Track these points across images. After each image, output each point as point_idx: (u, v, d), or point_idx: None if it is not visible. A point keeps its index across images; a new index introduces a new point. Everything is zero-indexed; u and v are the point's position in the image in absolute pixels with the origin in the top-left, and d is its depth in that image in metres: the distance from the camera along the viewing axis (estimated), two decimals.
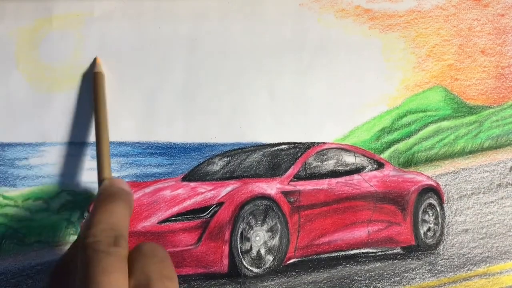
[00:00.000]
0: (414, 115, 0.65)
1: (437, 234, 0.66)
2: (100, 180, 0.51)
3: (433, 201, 0.67)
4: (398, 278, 0.63)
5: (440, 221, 0.66)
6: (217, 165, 0.61)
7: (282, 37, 0.61)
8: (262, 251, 0.61)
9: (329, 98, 0.62)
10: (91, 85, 0.57)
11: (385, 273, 0.63)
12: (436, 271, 0.64)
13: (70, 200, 0.57)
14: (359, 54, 0.63)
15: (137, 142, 0.59)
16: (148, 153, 0.59)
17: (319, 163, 0.63)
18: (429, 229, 0.66)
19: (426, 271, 0.64)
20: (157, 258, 0.40)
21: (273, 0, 0.61)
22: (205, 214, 0.59)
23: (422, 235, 0.66)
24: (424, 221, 0.67)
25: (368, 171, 0.65)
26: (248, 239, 0.60)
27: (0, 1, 0.56)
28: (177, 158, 0.60)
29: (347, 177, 0.64)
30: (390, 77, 0.64)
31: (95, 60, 0.57)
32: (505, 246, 0.65)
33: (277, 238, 0.61)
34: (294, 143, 0.62)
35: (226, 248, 0.59)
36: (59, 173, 0.57)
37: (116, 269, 0.36)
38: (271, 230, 0.61)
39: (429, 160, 0.65)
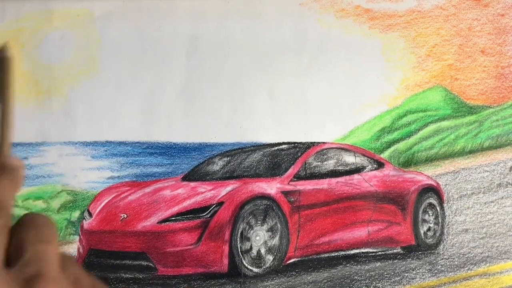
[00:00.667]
0: (414, 115, 0.65)
1: (437, 234, 0.66)
2: None
3: (433, 200, 0.67)
4: (398, 278, 0.63)
5: (440, 220, 0.66)
6: (217, 165, 0.61)
7: (282, 37, 0.61)
8: (262, 251, 0.61)
9: (329, 98, 0.62)
10: (90, 85, 0.57)
11: (385, 273, 0.63)
12: (436, 271, 0.64)
13: (70, 200, 0.57)
14: (359, 54, 0.63)
15: (137, 142, 0.59)
16: (148, 153, 0.59)
17: (319, 163, 0.63)
18: (429, 229, 0.66)
19: (426, 271, 0.64)
20: (34, 225, 0.40)
21: (273, 0, 0.61)
22: (205, 213, 0.59)
23: (422, 234, 0.66)
24: (424, 220, 0.67)
25: (368, 171, 0.65)
26: (248, 239, 0.60)
27: (0, 1, 0.56)
28: (177, 158, 0.60)
29: (347, 177, 0.64)
30: (390, 77, 0.64)
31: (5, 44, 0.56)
32: (505, 246, 0.65)
33: (277, 237, 0.61)
34: (294, 143, 0.62)
35: (226, 248, 0.59)
36: (59, 173, 0.57)
37: None
38: (271, 229, 0.61)
39: (429, 160, 0.65)
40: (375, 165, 0.65)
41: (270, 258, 0.61)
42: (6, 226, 0.38)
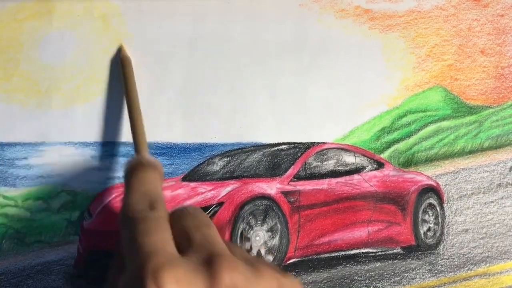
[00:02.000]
0: (414, 115, 0.65)
1: (437, 234, 0.66)
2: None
3: (433, 201, 0.67)
4: (398, 278, 0.63)
5: (440, 221, 0.66)
6: (217, 165, 0.61)
7: (282, 37, 0.61)
8: (262, 251, 0.61)
9: (329, 98, 0.62)
10: (90, 85, 0.57)
11: (385, 273, 0.63)
12: (436, 271, 0.64)
13: (70, 200, 0.57)
14: (359, 54, 0.63)
15: None
16: (148, 153, 0.59)
17: (319, 163, 0.63)
18: (429, 229, 0.66)
19: (426, 271, 0.64)
20: (189, 213, 0.41)
21: (273, 0, 0.61)
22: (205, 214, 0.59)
23: (422, 235, 0.66)
24: (424, 221, 0.67)
25: (368, 171, 0.65)
26: (248, 239, 0.60)
27: (0, 1, 0.56)
28: (177, 158, 0.60)
29: (347, 177, 0.64)
30: (390, 77, 0.64)
31: (120, 47, 0.57)
32: (505, 246, 0.65)
33: (277, 238, 0.61)
34: (294, 143, 0.62)
35: None
36: (59, 173, 0.57)
37: (157, 229, 0.37)
38: (271, 230, 0.61)
39: (429, 160, 0.65)
40: (375, 165, 0.65)
41: (270, 258, 0.61)
42: (165, 217, 0.40)
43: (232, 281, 0.32)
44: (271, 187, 0.61)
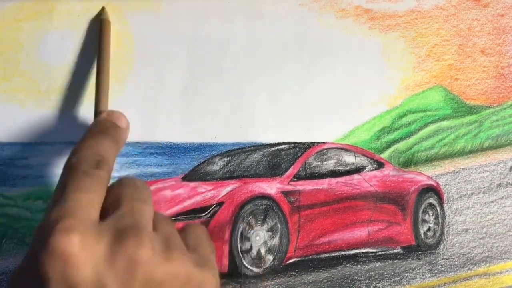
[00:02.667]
0: (414, 115, 0.65)
1: (437, 234, 0.66)
2: (97, 112, 0.51)
3: (433, 201, 0.67)
4: (398, 278, 0.63)
5: (440, 221, 0.66)
6: (217, 165, 0.61)
7: (282, 37, 0.61)
8: (262, 251, 0.61)
9: (329, 98, 0.62)
10: (90, 85, 0.57)
11: (385, 273, 0.63)
12: (436, 271, 0.64)
13: None
14: (359, 54, 0.63)
15: (137, 142, 0.59)
16: (148, 153, 0.59)
17: (319, 163, 0.63)
18: (429, 229, 0.66)
19: (426, 271, 0.64)
20: (132, 185, 0.40)
21: (273, 0, 0.61)
22: (205, 214, 0.59)
23: (422, 235, 0.66)
24: (424, 221, 0.67)
25: (368, 171, 0.65)
26: (248, 239, 0.60)
27: (0, 1, 0.56)
28: (177, 158, 0.60)
29: (347, 177, 0.64)
30: (390, 77, 0.64)
31: (102, 9, 0.57)
32: (505, 246, 0.65)
33: (277, 238, 0.61)
34: (294, 143, 0.62)
35: (226, 248, 0.59)
36: (59, 173, 0.57)
37: (91, 190, 0.36)
38: (271, 230, 0.61)
39: (429, 160, 0.65)
40: (375, 165, 0.65)
41: (270, 258, 0.61)
42: (105, 180, 0.39)
43: (134, 256, 0.31)
44: (271, 187, 0.61)
